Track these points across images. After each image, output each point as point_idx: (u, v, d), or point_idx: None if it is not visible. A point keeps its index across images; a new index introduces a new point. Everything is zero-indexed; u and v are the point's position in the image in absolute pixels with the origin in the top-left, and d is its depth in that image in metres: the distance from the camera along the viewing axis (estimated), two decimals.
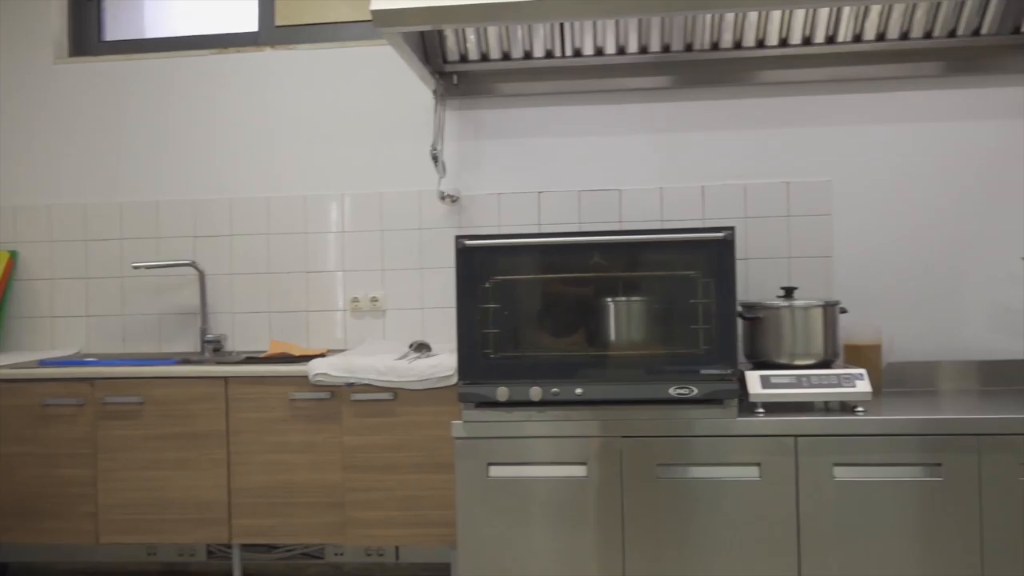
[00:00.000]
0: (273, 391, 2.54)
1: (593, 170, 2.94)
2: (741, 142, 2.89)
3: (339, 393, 2.52)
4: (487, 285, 2.30)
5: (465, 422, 2.29)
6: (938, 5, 2.65)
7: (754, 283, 2.85)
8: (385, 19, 2.20)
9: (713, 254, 2.23)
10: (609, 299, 2.31)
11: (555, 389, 2.24)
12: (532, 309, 2.33)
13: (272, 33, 3.15)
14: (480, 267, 2.30)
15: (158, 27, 3.29)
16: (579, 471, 2.27)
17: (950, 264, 2.82)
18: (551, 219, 2.94)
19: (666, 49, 2.82)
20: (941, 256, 2.82)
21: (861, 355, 2.66)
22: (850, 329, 2.75)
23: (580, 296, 2.33)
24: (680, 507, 2.24)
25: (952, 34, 2.73)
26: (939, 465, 2.18)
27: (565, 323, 2.33)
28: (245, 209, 3.07)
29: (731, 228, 2.21)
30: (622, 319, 2.32)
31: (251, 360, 2.70)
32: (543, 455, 2.28)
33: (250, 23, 3.19)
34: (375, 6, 2.20)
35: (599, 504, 2.26)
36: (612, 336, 2.30)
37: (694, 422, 2.24)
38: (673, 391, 2.21)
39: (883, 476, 2.19)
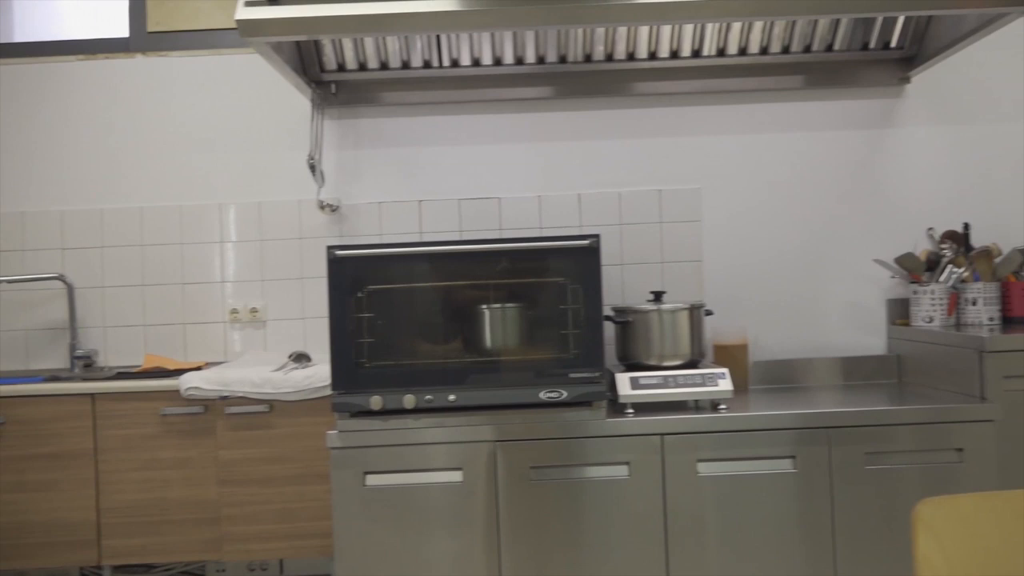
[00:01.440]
0: (144, 407, 2.48)
1: (473, 179, 2.98)
2: (616, 151, 2.99)
3: (213, 407, 2.48)
4: (361, 295, 2.31)
5: (340, 432, 2.29)
6: (794, 22, 2.80)
7: (630, 288, 2.94)
8: (250, 29, 2.18)
9: (580, 261, 2.30)
10: (482, 306, 2.35)
11: (428, 396, 2.27)
12: (407, 317, 2.35)
13: (144, 39, 3.07)
14: (353, 277, 2.30)
15: (26, 31, 3.16)
16: (455, 476, 2.30)
17: (810, 266, 2.98)
18: (433, 227, 2.96)
19: (541, 61, 2.89)
20: (802, 259, 2.98)
21: (729, 354, 2.79)
22: (719, 330, 2.88)
23: (454, 304, 2.36)
24: (554, 507, 2.30)
25: (808, 49, 2.90)
26: (793, 457, 2.31)
27: (440, 331, 2.36)
28: (117, 220, 2.98)
29: (596, 236, 2.29)
30: (495, 326, 2.36)
31: (122, 376, 2.63)
32: (419, 462, 2.30)
33: (120, 29, 3.10)
34: (240, 16, 2.18)
35: (475, 508, 2.29)
36: (485, 342, 2.35)
37: (565, 424, 2.30)
38: (543, 395, 2.27)
39: (743, 470, 2.30)
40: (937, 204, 2.96)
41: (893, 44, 2.88)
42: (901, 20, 2.81)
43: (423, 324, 2.36)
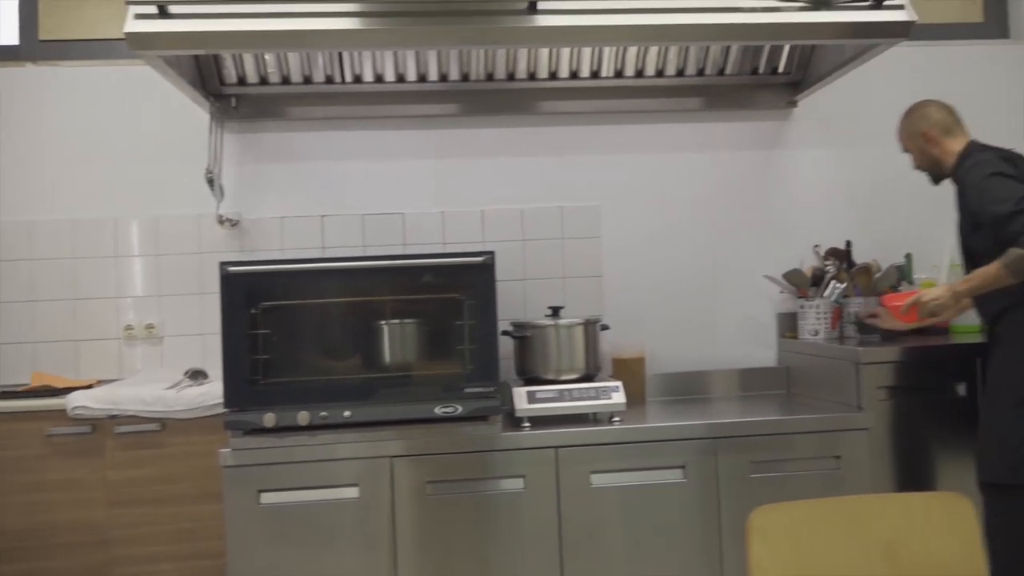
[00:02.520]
0: (27, 427, 2.40)
1: (377, 194, 2.99)
2: (519, 168, 3.04)
3: (101, 426, 2.42)
4: (255, 311, 2.29)
5: (233, 450, 2.26)
6: (687, 48, 2.91)
7: (532, 303, 2.99)
8: (140, 42, 2.15)
9: (476, 277, 2.34)
10: (379, 322, 2.36)
11: (323, 413, 2.26)
12: (303, 334, 2.35)
13: (35, 48, 2.98)
14: (247, 293, 2.29)
15: None
16: (351, 493, 2.30)
17: (706, 281, 3.09)
18: (336, 242, 2.96)
19: (444, 78, 2.92)
20: (698, 274, 3.09)
21: (627, 368, 2.86)
22: (618, 344, 2.95)
23: (351, 319, 2.37)
24: (451, 522, 2.32)
25: (701, 73, 3.01)
26: (683, 467, 2.38)
27: (337, 347, 2.37)
28: (5, 233, 2.88)
29: (491, 253, 2.33)
30: (393, 341, 2.38)
31: (7, 395, 2.54)
32: (314, 479, 2.29)
33: (10, 36, 3.00)
34: (129, 28, 2.14)
35: (372, 524, 2.30)
36: (383, 358, 2.36)
37: (461, 439, 2.32)
38: (439, 410, 2.29)
39: (635, 480, 2.37)
40: (823, 222, 3.11)
41: (781, 70, 3.02)
42: (787, 48, 2.95)
43: (320, 340, 2.36)
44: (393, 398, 2.33)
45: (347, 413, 2.27)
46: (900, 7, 2.35)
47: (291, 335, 2.34)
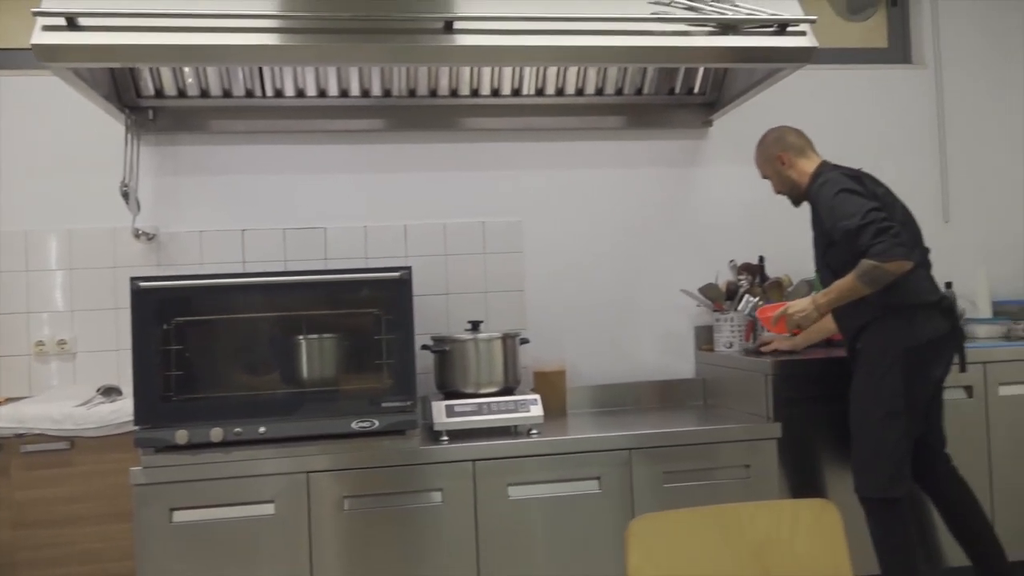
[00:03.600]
0: None
1: (299, 208, 2.98)
2: (442, 183, 3.07)
3: (8, 445, 2.35)
4: (168, 327, 2.27)
5: (145, 468, 2.23)
6: (605, 68, 2.98)
7: (454, 317, 3.02)
8: (48, 54, 2.11)
9: (393, 293, 2.35)
10: (296, 337, 2.36)
11: (238, 429, 2.24)
12: (219, 349, 2.33)
13: None
14: (159, 309, 2.26)
15: None
16: (267, 509, 2.28)
17: (626, 295, 3.15)
18: (257, 257, 2.93)
19: (366, 94, 2.93)
20: (619, 288, 3.15)
21: (548, 381, 2.91)
22: (539, 357, 3.00)
23: (268, 335, 2.36)
24: (369, 536, 2.32)
25: (620, 92, 3.09)
26: (598, 478, 2.43)
27: (254, 362, 2.35)
28: None
29: (407, 268, 2.35)
30: (311, 357, 2.38)
31: None
32: (229, 496, 2.26)
33: None
34: (37, 40, 2.10)
35: (288, 541, 2.28)
36: (299, 373, 2.36)
37: (379, 453, 2.33)
38: (356, 425, 2.30)
39: (551, 492, 2.41)
40: (738, 238, 3.21)
41: (696, 90, 3.12)
42: (702, 70, 3.04)
43: (237, 355, 2.35)
44: (310, 413, 2.32)
45: (262, 429, 2.25)
46: (803, 33, 2.45)
47: (206, 350, 2.32)
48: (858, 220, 2.23)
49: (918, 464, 2.42)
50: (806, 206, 2.58)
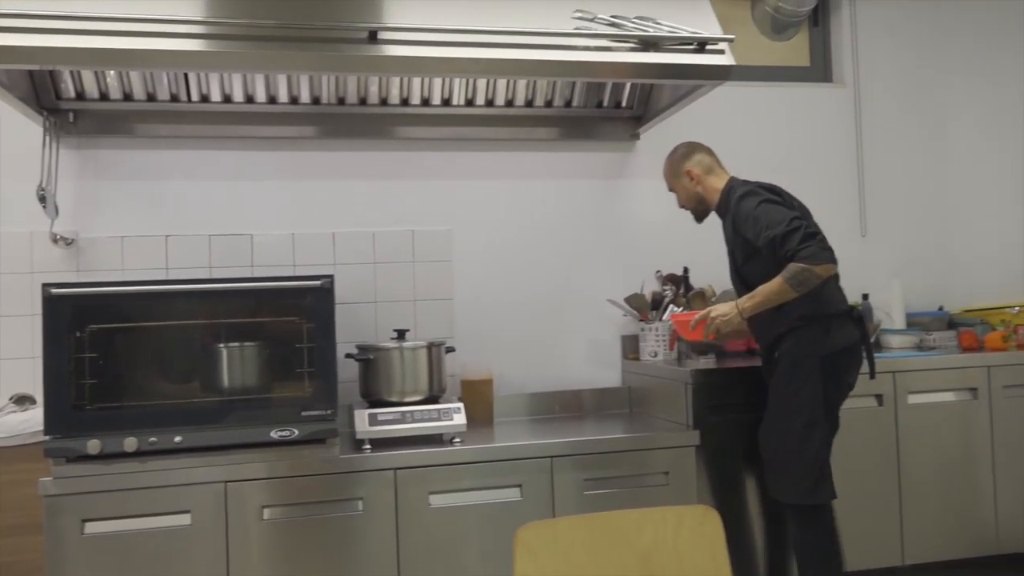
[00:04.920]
0: None
1: (225, 215, 2.95)
2: (371, 191, 3.07)
3: None
4: (81, 334, 2.23)
5: (55, 479, 2.18)
6: (535, 80, 3.02)
7: (382, 325, 3.02)
8: None
9: (315, 301, 2.35)
10: (217, 345, 2.34)
11: (153, 439, 2.21)
12: (135, 357, 2.30)
13: None
14: (73, 316, 2.22)
15: None
16: (183, 520, 2.25)
17: (555, 304, 3.19)
18: (180, 263, 2.89)
19: (295, 101, 2.92)
20: (547, 297, 3.19)
21: (475, 390, 2.93)
22: (467, 366, 3.02)
23: (187, 343, 2.33)
24: (288, 546, 2.30)
25: (550, 104, 3.13)
26: (520, 486, 2.46)
27: (171, 371, 2.32)
28: None
29: (330, 276, 2.35)
30: (232, 365, 2.36)
31: None
32: (144, 507, 2.23)
33: None
34: None
35: (205, 552, 2.25)
36: (219, 382, 2.33)
37: (299, 462, 2.32)
38: (275, 434, 2.28)
39: (473, 500, 2.42)
40: (663, 249, 3.28)
41: (624, 104, 3.18)
42: (629, 84, 3.10)
43: (154, 364, 2.31)
44: (230, 422, 2.30)
45: (178, 439, 2.23)
46: (721, 52, 2.53)
47: (123, 359, 2.28)
48: (784, 227, 2.28)
49: None
50: (712, 221, 2.64)
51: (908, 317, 3.35)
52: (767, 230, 2.31)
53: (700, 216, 2.67)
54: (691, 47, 2.51)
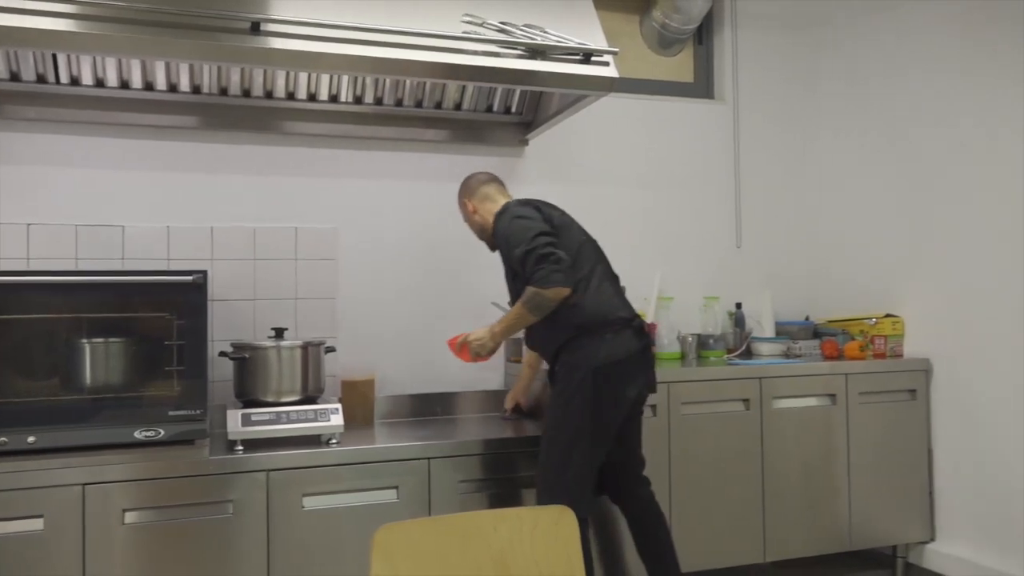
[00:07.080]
0: None
1: (95, 204, 2.81)
2: (253, 186, 2.99)
3: None
4: None
5: None
6: (426, 82, 3.01)
7: (261, 323, 2.94)
8: None
9: (186, 297, 2.27)
10: (79, 341, 2.23)
11: (3, 439, 2.09)
12: None
13: None
14: None
15: None
16: (35, 525, 2.13)
17: (438, 306, 3.19)
18: (43, 253, 2.74)
19: (173, 88, 2.82)
20: (431, 299, 3.19)
21: (356, 390, 2.89)
22: (349, 366, 2.98)
23: (45, 339, 2.21)
24: (151, 552, 2.22)
25: (439, 106, 3.13)
26: (396, 488, 2.45)
27: (29, 367, 2.20)
28: None
29: (203, 272, 2.28)
30: (95, 362, 2.26)
31: None
32: None
33: None
34: None
35: (58, 558, 2.14)
36: (81, 380, 2.23)
37: (164, 464, 2.23)
38: (139, 434, 2.20)
39: (348, 502, 2.40)
40: None
41: (514, 110, 3.21)
42: (519, 90, 3.14)
43: (10, 360, 2.18)
44: (92, 422, 2.20)
45: (31, 439, 2.11)
46: (606, 64, 2.59)
47: None
48: (524, 247, 2.28)
49: (617, 486, 2.47)
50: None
51: (777, 326, 3.52)
52: (514, 251, 2.32)
53: (490, 245, 2.62)
54: (577, 58, 2.56)
